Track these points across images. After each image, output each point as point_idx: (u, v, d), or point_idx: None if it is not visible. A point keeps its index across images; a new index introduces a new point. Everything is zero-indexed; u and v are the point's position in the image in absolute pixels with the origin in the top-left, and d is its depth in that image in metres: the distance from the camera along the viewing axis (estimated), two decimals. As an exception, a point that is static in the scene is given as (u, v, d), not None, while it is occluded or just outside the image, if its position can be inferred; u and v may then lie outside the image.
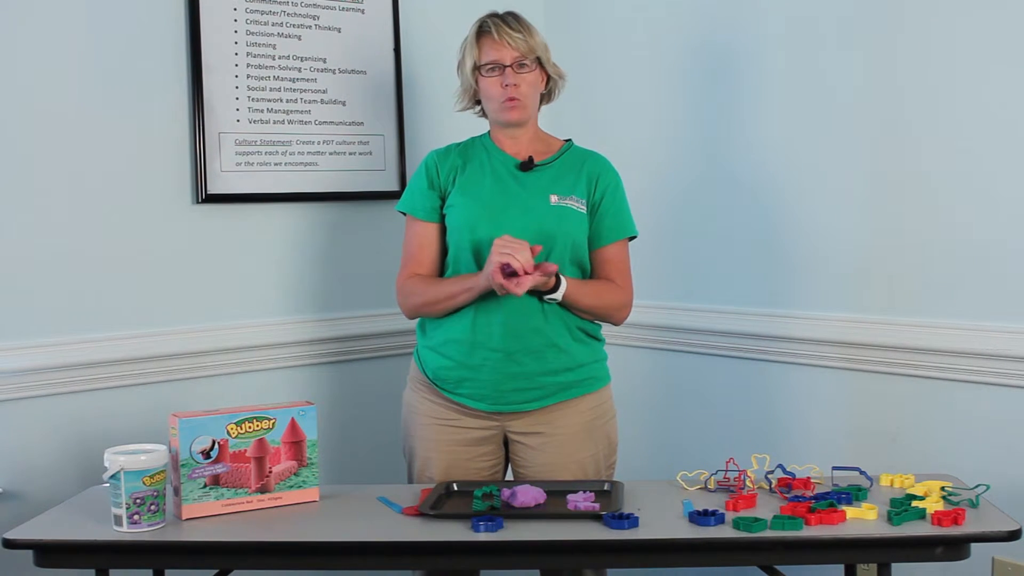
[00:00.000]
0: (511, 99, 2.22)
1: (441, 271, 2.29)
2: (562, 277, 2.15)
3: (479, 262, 2.19)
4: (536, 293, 2.16)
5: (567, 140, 2.36)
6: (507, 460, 2.32)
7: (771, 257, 2.73)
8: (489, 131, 2.34)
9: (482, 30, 2.23)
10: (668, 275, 2.97)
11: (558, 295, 2.15)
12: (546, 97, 2.34)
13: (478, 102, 2.31)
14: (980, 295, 2.32)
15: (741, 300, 2.80)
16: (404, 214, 2.33)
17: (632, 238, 2.32)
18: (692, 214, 2.92)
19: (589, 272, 2.28)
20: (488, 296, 2.16)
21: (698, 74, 2.88)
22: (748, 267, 2.78)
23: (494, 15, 2.25)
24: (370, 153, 2.90)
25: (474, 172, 2.27)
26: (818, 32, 2.59)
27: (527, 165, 2.26)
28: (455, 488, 2.11)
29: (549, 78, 2.30)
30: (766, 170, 2.72)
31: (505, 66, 2.20)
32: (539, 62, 2.25)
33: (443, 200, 2.28)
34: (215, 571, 2.05)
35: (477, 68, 2.24)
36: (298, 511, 2.03)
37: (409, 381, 2.35)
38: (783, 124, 2.68)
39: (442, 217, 2.28)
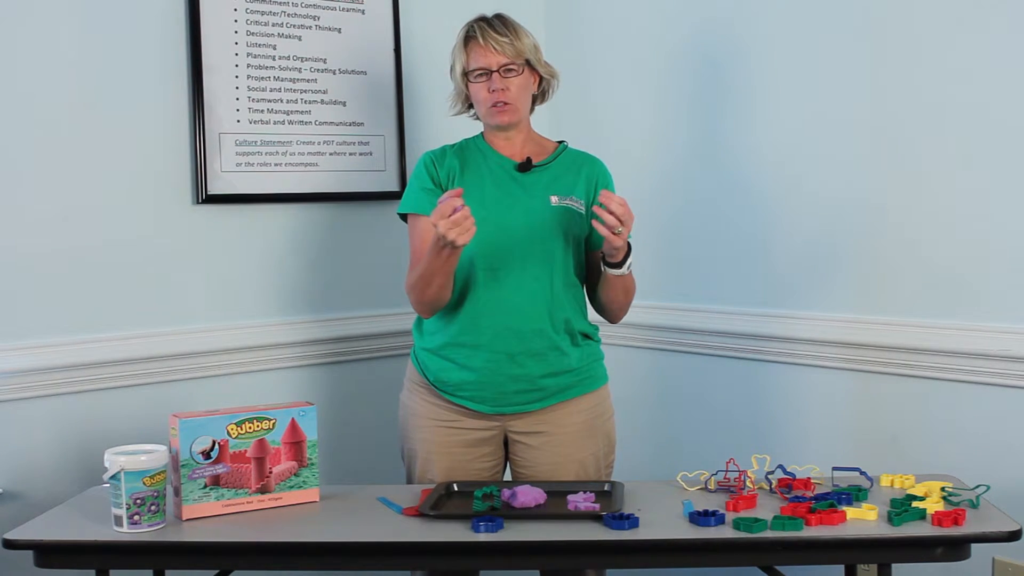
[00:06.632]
0: (499, 104, 2.20)
1: None
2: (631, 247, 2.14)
3: (483, 265, 2.18)
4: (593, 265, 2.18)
5: (561, 142, 2.35)
6: (507, 460, 2.32)
7: (770, 257, 2.73)
8: (483, 132, 2.32)
9: (468, 36, 2.21)
10: (668, 275, 2.97)
11: (629, 262, 2.13)
12: (540, 97, 2.32)
13: (471, 106, 2.30)
14: (980, 295, 2.32)
15: (740, 300, 2.80)
16: (406, 218, 2.28)
17: None
18: (691, 214, 2.92)
19: (585, 273, 2.29)
20: (490, 299, 2.17)
21: (697, 75, 2.88)
22: (747, 267, 2.78)
23: (481, 19, 2.23)
24: (370, 153, 2.90)
25: (473, 175, 2.25)
26: (816, 32, 2.59)
27: (525, 166, 2.25)
28: (455, 488, 2.11)
29: (541, 78, 2.28)
30: (764, 170, 2.72)
31: (492, 71, 2.19)
32: (529, 64, 2.23)
33: None
34: (215, 571, 2.05)
35: (466, 74, 2.23)
36: (298, 511, 2.03)
37: (406, 383, 2.34)
38: (781, 124, 2.67)
39: None
